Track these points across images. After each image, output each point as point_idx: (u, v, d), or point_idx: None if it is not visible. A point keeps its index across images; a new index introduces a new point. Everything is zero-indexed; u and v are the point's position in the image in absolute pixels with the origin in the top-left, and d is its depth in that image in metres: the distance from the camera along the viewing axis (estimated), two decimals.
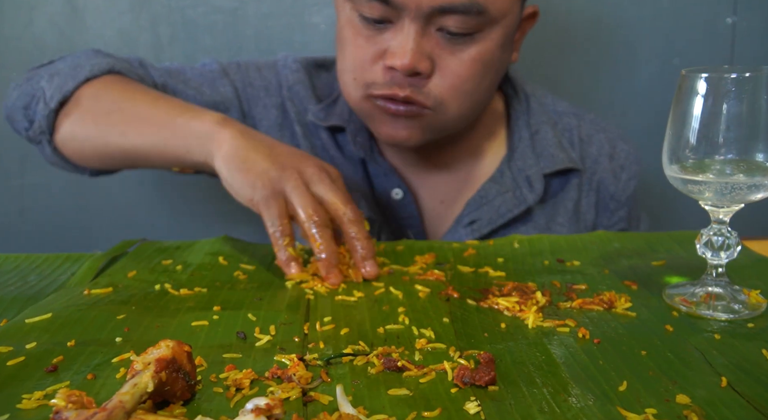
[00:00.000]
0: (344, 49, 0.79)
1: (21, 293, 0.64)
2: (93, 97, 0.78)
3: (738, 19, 1.18)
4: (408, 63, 0.73)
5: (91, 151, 0.79)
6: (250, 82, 0.92)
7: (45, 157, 0.85)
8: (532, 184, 0.88)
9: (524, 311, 0.57)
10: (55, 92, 0.78)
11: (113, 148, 0.77)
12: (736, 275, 0.65)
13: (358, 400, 0.44)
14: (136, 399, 0.39)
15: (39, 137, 0.81)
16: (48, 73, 0.81)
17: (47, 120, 0.79)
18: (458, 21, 0.73)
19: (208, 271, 0.69)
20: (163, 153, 0.75)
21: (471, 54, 0.76)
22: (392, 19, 0.74)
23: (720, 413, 0.42)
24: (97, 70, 0.80)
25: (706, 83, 0.54)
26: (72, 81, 0.78)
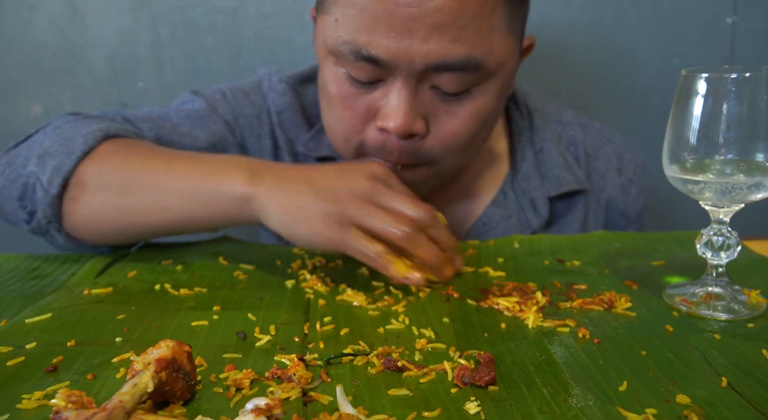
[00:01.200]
0: (332, 107, 0.74)
1: (21, 293, 0.64)
2: (98, 175, 0.68)
3: (738, 19, 1.18)
4: (401, 125, 0.68)
5: (111, 233, 0.70)
6: (241, 112, 0.86)
7: (56, 247, 0.74)
8: (537, 208, 0.84)
9: (524, 311, 0.57)
10: (53, 176, 0.67)
11: (137, 227, 0.69)
12: (736, 275, 0.65)
13: (358, 400, 0.44)
14: (136, 399, 0.39)
15: (46, 227, 0.70)
16: (35, 155, 0.69)
17: (52, 208, 0.68)
18: (453, 79, 0.68)
19: (208, 271, 0.69)
20: (197, 224, 0.67)
21: (468, 111, 0.71)
22: (383, 77, 0.69)
23: (720, 413, 0.42)
24: (91, 140, 0.69)
25: (706, 83, 0.54)
26: (68, 160, 0.67)
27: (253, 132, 0.86)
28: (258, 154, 0.86)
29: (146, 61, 1.17)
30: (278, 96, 0.86)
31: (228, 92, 0.86)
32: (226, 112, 0.85)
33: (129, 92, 1.17)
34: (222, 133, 0.84)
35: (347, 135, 0.73)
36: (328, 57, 0.72)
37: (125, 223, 0.68)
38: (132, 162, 0.68)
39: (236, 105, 0.86)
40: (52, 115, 1.18)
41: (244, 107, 0.86)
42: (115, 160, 0.69)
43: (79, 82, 1.17)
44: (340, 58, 0.70)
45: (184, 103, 0.86)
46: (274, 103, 0.86)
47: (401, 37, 0.65)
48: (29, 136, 0.75)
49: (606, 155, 0.90)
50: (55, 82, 1.17)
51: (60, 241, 0.72)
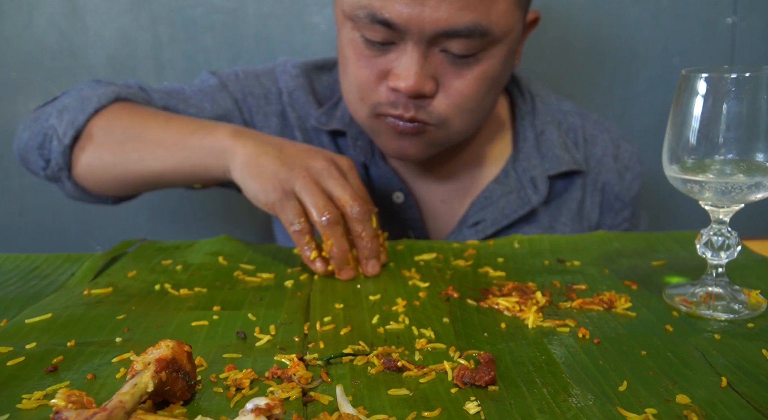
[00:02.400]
0: (347, 68, 0.79)
1: (21, 293, 0.64)
2: (105, 128, 0.79)
3: (738, 19, 1.18)
4: (412, 86, 0.73)
5: (111, 181, 0.80)
6: (250, 92, 0.92)
7: (66, 193, 0.86)
8: (537, 186, 0.88)
9: (524, 311, 0.57)
10: (68, 128, 0.79)
11: (132, 175, 0.79)
12: (736, 275, 0.65)
13: (358, 400, 0.44)
14: (136, 399, 0.39)
15: (58, 174, 0.82)
16: (56, 110, 0.81)
17: (64, 157, 0.80)
18: (462, 44, 0.72)
19: (208, 271, 0.69)
20: (182, 174, 0.76)
21: (475, 73, 0.75)
22: (395, 40, 0.74)
23: (720, 413, 0.42)
24: (104, 99, 0.80)
25: (706, 83, 0.54)
26: (82, 114, 0.79)
27: (260, 110, 0.92)
28: (265, 130, 0.92)
29: (146, 61, 1.17)
30: (290, 78, 0.92)
31: (241, 73, 0.93)
32: (236, 91, 0.92)
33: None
34: (229, 107, 0.91)
35: (363, 95, 0.78)
36: (346, 22, 0.77)
37: (123, 169, 0.78)
38: (134, 119, 0.79)
39: (246, 85, 0.92)
40: None
41: (253, 87, 0.93)
42: (121, 117, 0.79)
43: (79, 82, 1.17)
44: (357, 22, 0.74)
45: (201, 81, 0.93)
46: (285, 84, 0.92)
47: (414, 3, 0.70)
48: (56, 97, 0.86)
49: (603, 142, 0.94)
50: (55, 82, 1.17)
51: (69, 189, 0.84)
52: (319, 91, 0.94)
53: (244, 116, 0.92)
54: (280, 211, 0.67)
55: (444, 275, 0.67)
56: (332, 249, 0.65)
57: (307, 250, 0.67)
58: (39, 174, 0.84)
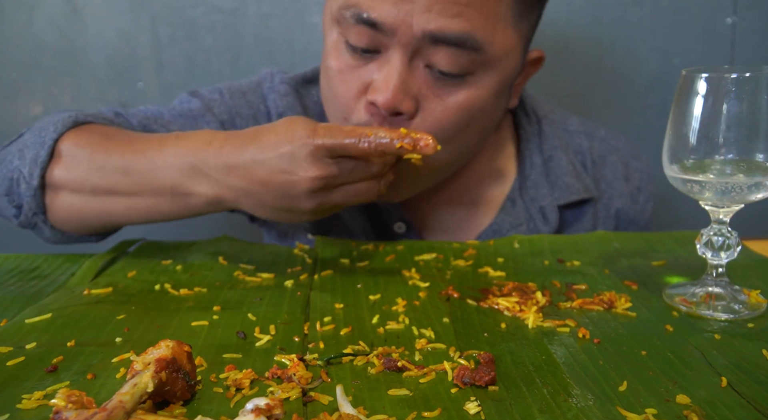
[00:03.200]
0: (329, 81, 0.73)
1: (21, 293, 0.64)
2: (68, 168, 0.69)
3: (738, 19, 1.18)
4: (389, 100, 0.67)
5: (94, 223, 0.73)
6: (238, 112, 0.85)
7: (46, 240, 0.76)
8: (546, 216, 0.84)
9: (524, 311, 0.57)
10: (33, 168, 0.69)
11: (114, 218, 0.72)
12: (736, 275, 0.65)
13: (358, 400, 0.44)
14: (136, 399, 0.39)
15: (33, 220, 0.72)
16: (17, 149, 0.72)
17: (36, 200, 0.70)
18: (449, 56, 0.67)
19: (208, 271, 0.69)
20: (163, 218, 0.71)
21: (458, 100, 0.69)
22: (380, 48, 0.68)
23: (720, 413, 0.42)
24: (61, 127, 0.70)
25: (706, 83, 0.54)
26: (43, 149, 0.69)
27: None
28: None
29: (146, 61, 1.17)
30: (280, 97, 0.86)
31: (225, 92, 0.86)
32: (222, 112, 0.85)
33: (129, 92, 1.17)
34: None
35: (345, 114, 0.72)
36: (333, 27, 0.72)
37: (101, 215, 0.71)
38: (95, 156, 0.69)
39: (233, 105, 0.86)
40: None
41: (241, 107, 0.86)
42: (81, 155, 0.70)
43: (79, 82, 1.17)
44: (342, 24, 0.69)
45: (181, 103, 0.86)
46: (275, 104, 0.86)
47: (403, 2, 0.65)
48: (21, 134, 0.76)
49: (613, 163, 0.89)
50: (55, 82, 1.17)
51: (47, 233, 0.74)
52: (310, 108, 0.88)
53: None
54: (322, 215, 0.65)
55: (444, 275, 0.67)
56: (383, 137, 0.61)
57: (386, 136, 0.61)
58: (13, 222, 0.74)
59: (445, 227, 0.87)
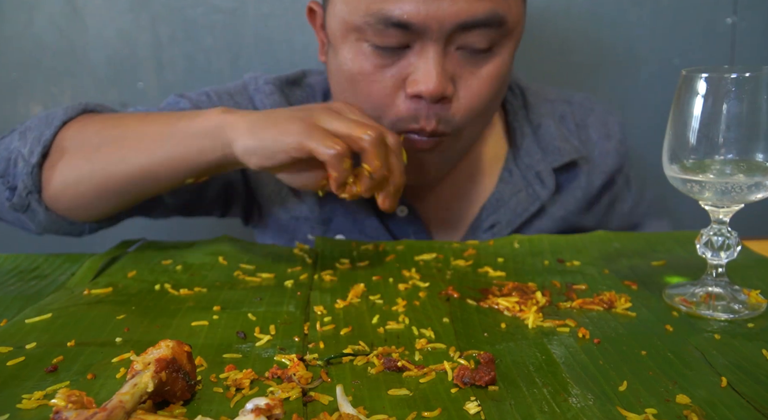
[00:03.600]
0: (355, 86, 0.74)
1: (21, 293, 0.64)
2: (77, 137, 0.71)
3: (738, 19, 1.18)
4: (435, 87, 0.69)
5: (91, 193, 0.71)
6: None
7: (36, 225, 0.74)
8: (543, 180, 0.87)
9: (524, 311, 0.57)
10: (34, 146, 0.70)
11: (116, 180, 0.70)
12: (736, 275, 0.65)
13: (358, 400, 0.44)
14: (136, 399, 0.39)
15: (26, 200, 0.71)
16: (18, 133, 0.73)
17: (32, 177, 0.70)
18: (479, 35, 0.70)
19: (208, 271, 0.69)
20: (173, 165, 0.68)
21: (489, 70, 0.73)
22: (410, 43, 0.70)
23: (720, 413, 0.42)
24: (71, 112, 0.73)
25: (706, 83, 0.54)
26: (47, 129, 0.71)
27: None
28: None
29: (146, 61, 1.17)
30: (266, 96, 0.87)
31: (212, 94, 0.88)
32: None
33: (129, 92, 1.17)
34: None
35: (378, 112, 0.74)
36: (348, 35, 0.72)
37: (103, 175, 0.69)
38: (108, 122, 0.72)
39: (219, 104, 0.86)
40: None
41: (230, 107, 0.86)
42: (92, 124, 0.72)
43: (79, 82, 1.17)
44: (365, 31, 0.70)
45: (169, 104, 0.87)
46: (262, 104, 0.87)
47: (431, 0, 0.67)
48: (13, 129, 0.77)
49: (593, 124, 0.94)
50: (55, 82, 1.17)
51: (41, 216, 0.73)
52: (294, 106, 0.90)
53: None
54: (309, 142, 0.61)
55: (444, 275, 0.67)
56: (378, 168, 0.63)
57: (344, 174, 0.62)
58: (4, 206, 0.73)
59: (446, 206, 0.89)
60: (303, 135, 0.62)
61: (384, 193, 0.66)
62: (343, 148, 0.61)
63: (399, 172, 0.66)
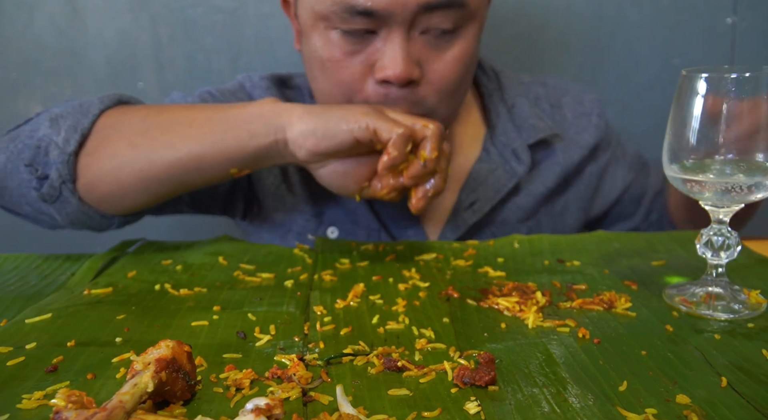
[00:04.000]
0: (325, 72, 0.76)
1: (21, 293, 0.64)
2: (117, 125, 0.69)
3: (738, 19, 1.18)
4: (402, 71, 0.71)
5: (130, 181, 0.69)
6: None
7: (64, 217, 0.71)
8: (519, 156, 0.90)
9: (524, 311, 0.57)
10: (70, 133, 0.68)
11: (160, 167, 0.68)
12: (736, 275, 0.65)
13: (358, 400, 0.44)
14: (136, 399, 0.39)
15: (59, 190, 0.68)
16: (47, 119, 0.70)
17: (68, 166, 0.67)
18: (442, 17, 0.72)
19: (208, 271, 0.69)
20: (222, 150, 0.67)
21: (454, 53, 0.76)
22: (377, 29, 0.72)
23: (720, 413, 0.42)
24: (108, 101, 0.72)
25: (706, 83, 0.54)
26: (85, 118, 0.69)
27: None
28: None
29: (146, 61, 1.17)
30: (264, 90, 0.90)
31: (215, 92, 0.90)
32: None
33: (129, 92, 1.15)
34: None
35: (348, 96, 0.76)
36: (317, 23, 0.75)
37: (147, 162, 0.68)
38: (152, 110, 0.72)
39: (224, 101, 0.88)
40: None
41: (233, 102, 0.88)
42: (132, 113, 0.71)
43: (79, 82, 1.17)
44: (332, 20, 0.73)
45: (173, 100, 0.89)
46: (260, 98, 0.89)
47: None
48: (28, 119, 0.74)
49: (568, 104, 0.96)
50: (55, 82, 1.17)
51: (72, 207, 0.70)
52: (291, 100, 0.92)
53: None
54: (376, 122, 0.64)
55: (444, 275, 0.67)
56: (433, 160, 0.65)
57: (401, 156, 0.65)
58: (30, 196, 0.70)
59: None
60: (370, 116, 0.64)
61: (422, 191, 0.68)
62: (408, 131, 0.64)
63: (443, 177, 0.68)
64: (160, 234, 0.90)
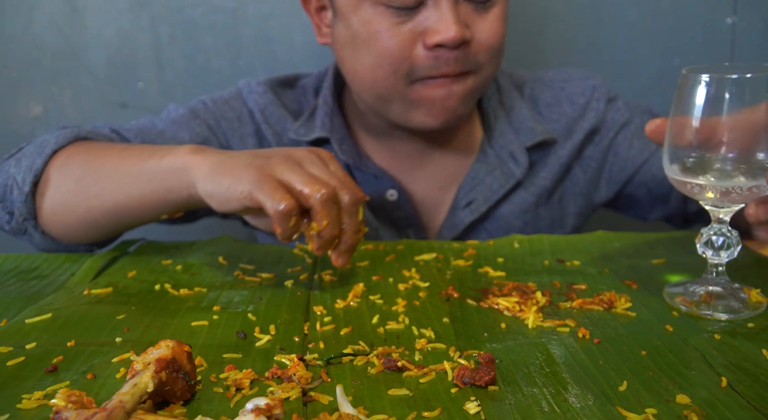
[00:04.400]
0: (370, 46, 0.79)
1: (21, 293, 0.64)
2: (62, 168, 0.73)
3: (738, 19, 1.18)
4: (455, 34, 0.75)
5: (77, 223, 0.74)
6: (222, 116, 0.91)
7: (36, 246, 0.78)
8: (517, 158, 0.90)
9: (524, 311, 0.57)
10: (26, 174, 0.73)
11: (96, 213, 0.72)
12: (736, 275, 0.65)
13: (358, 400, 0.44)
14: (136, 399, 0.39)
15: (23, 226, 0.75)
16: (15, 160, 0.77)
17: (26, 205, 0.73)
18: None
19: (208, 271, 0.69)
20: (145, 202, 0.70)
21: (496, 13, 0.80)
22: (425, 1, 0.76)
23: (720, 413, 0.42)
24: (62, 140, 0.75)
25: (706, 83, 0.54)
26: (39, 158, 0.73)
27: (236, 133, 0.91)
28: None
29: (146, 61, 1.17)
30: (259, 96, 0.91)
31: (209, 101, 0.92)
32: (208, 118, 0.91)
33: (129, 92, 1.17)
34: (205, 134, 0.89)
35: (395, 66, 0.79)
36: (363, 2, 0.78)
37: (85, 209, 0.72)
38: (91, 154, 0.74)
39: (216, 110, 0.91)
40: (52, 115, 1.18)
41: (225, 111, 0.92)
42: (78, 155, 0.74)
43: (79, 82, 1.17)
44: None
45: (169, 113, 0.91)
46: (256, 103, 0.91)
47: None
48: (21, 148, 0.79)
49: (566, 100, 0.95)
50: (55, 82, 1.17)
51: (37, 239, 0.76)
52: (287, 106, 0.94)
53: (221, 141, 0.91)
54: (259, 193, 0.60)
55: (444, 275, 0.67)
56: (326, 230, 0.61)
57: (289, 231, 0.60)
58: (5, 229, 0.77)
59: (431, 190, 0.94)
60: (254, 185, 0.60)
61: (336, 251, 0.64)
62: (290, 206, 0.59)
63: (351, 232, 0.64)
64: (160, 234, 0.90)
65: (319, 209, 0.60)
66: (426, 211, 0.93)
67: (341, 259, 0.64)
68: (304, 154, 0.65)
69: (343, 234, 0.63)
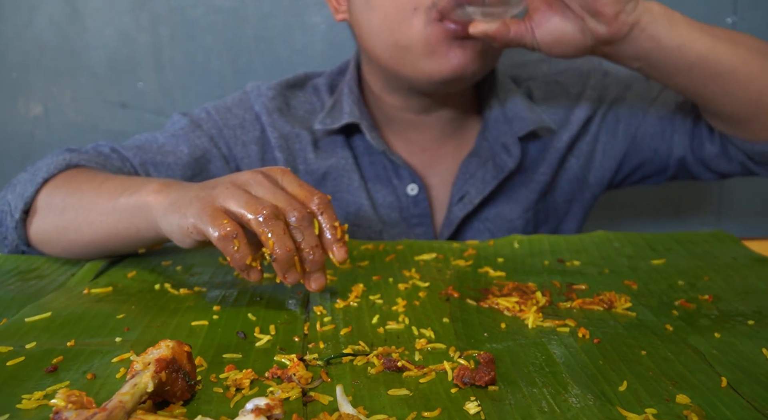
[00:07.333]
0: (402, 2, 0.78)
1: (21, 293, 0.64)
2: (48, 199, 0.75)
3: (738, 19, 1.18)
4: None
5: (64, 252, 0.75)
6: (225, 124, 0.91)
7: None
8: (509, 149, 0.90)
9: (524, 311, 0.57)
10: (18, 202, 0.75)
11: (79, 245, 0.73)
12: (736, 274, 0.65)
13: (358, 400, 0.44)
14: (136, 399, 0.39)
15: (19, 249, 0.78)
16: (12, 185, 0.79)
17: (17, 232, 0.75)
18: None
19: (208, 271, 0.69)
20: (119, 239, 0.69)
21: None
22: None
23: (720, 413, 0.42)
24: (53, 169, 0.76)
25: None
26: (31, 186, 0.75)
27: (238, 140, 0.91)
28: (245, 160, 0.91)
29: (146, 61, 1.17)
30: (268, 100, 0.91)
31: (212, 110, 0.92)
32: (210, 127, 0.90)
33: (129, 92, 1.18)
34: (205, 146, 0.89)
35: (417, 3, 0.77)
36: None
37: (66, 240, 0.73)
38: (73, 186, 0.74)
39: (219, 119, 0.91)
40: (52, 115, 1.18)
41: (228, 119, 0.91)
42: (63, 186, 0.75)
43: (79, 82, 1.17)
44: None
45: (172, 124, 0.91)
46: (264, 106, 0.91)
47: None
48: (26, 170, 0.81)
49: (562, 91, 0.94)
50: (55, 82, 1.17)
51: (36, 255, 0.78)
52: (296, 107, 0.93)
53: (222, 151, 0.90)
54: (201, 224, 0.56)
55: (444, 275, 0.67)
56: (274, 249, 0.55)
57: (238, 256, 0.56)
58: (4, 251, 0.79)
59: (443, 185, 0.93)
60: (197, 217, 0.57)
61: (305, 276, 0.59)
62: (228, 230, 0.55)
63: (308, 248, 0.58)
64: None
65: (260, 230, 0.56)
66: (436, 208, 0.93)
67: (314, 283, 0.59)
68: (249, 177, 0.60)
69: (299, 251, 0.58)
